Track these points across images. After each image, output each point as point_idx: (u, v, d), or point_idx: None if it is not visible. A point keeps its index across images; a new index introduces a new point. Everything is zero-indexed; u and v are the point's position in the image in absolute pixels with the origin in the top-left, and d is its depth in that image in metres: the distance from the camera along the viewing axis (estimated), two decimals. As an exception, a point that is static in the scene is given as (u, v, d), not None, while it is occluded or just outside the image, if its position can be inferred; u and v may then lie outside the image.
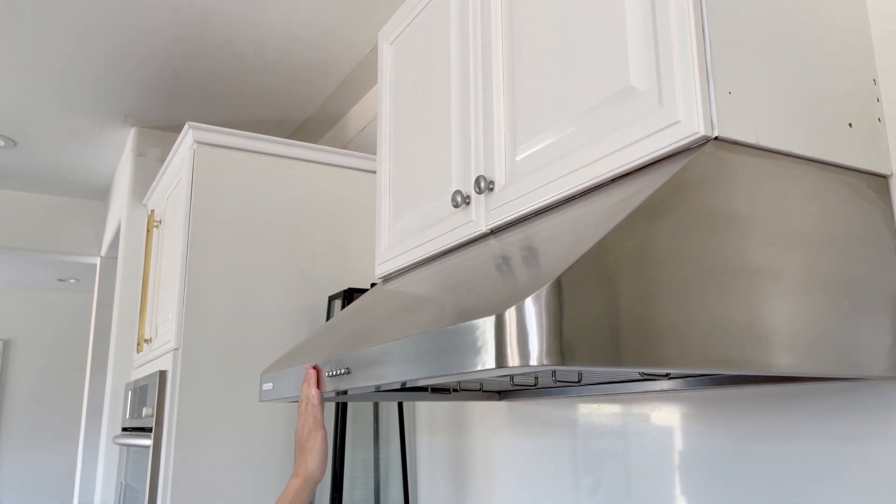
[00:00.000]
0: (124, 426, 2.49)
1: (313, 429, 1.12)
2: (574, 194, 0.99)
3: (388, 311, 1.12)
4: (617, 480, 1.32)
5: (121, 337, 2.89)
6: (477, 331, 0.70)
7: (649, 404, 1.26)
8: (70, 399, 6.10)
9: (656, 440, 1.24)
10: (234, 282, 2.04)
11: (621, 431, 1.32)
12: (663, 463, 1.22)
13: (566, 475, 1.45)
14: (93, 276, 5.52)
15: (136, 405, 2.29)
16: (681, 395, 1.19)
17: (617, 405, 1.34)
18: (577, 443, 1.43)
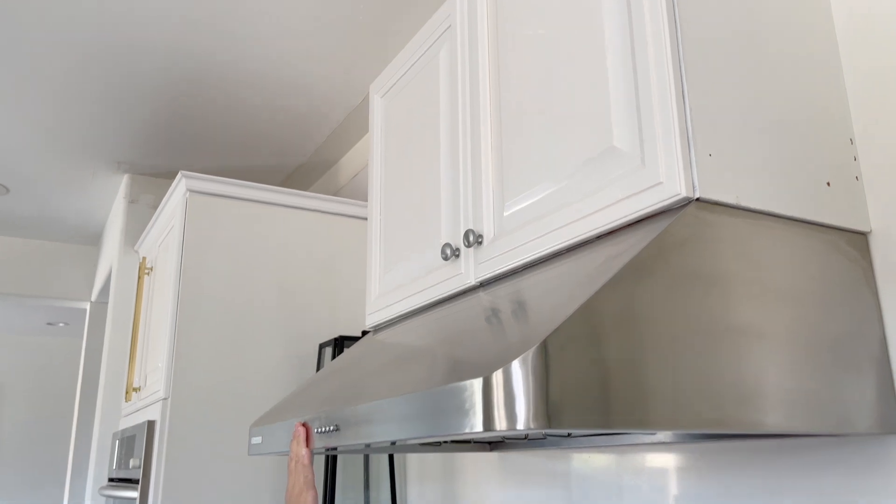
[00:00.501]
0: (111, 476, 2.45)
1: (304, 489, 1.11)
2: (561, 250, 1.00)
3: (377, 366, 1.13)
4: (609, 534, 1.31)
5: (109, 384, 2.87)
6: (465, 393, 0.70)
7: (641, 456, 1.26)
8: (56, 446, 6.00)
9: (648, 492, 1.24)
10: (224, 329, 2.03)
11: (613, 483, 1.32)
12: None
13: (558, 528, 1.43)
14: (83, 320, 5.48)
15: (123, 455, 2.26)
16: (672, 448, 1.19)
17: (609, 456, 1.33)
18: (570, 494, 1.42)
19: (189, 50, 2.15)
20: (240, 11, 1.97)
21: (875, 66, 0.96)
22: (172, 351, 1.97)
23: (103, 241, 3.77)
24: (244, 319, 2.07)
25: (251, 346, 2.05)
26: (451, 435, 0.72)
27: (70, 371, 6.17)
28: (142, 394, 2.24)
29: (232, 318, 2.05)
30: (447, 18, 1.38)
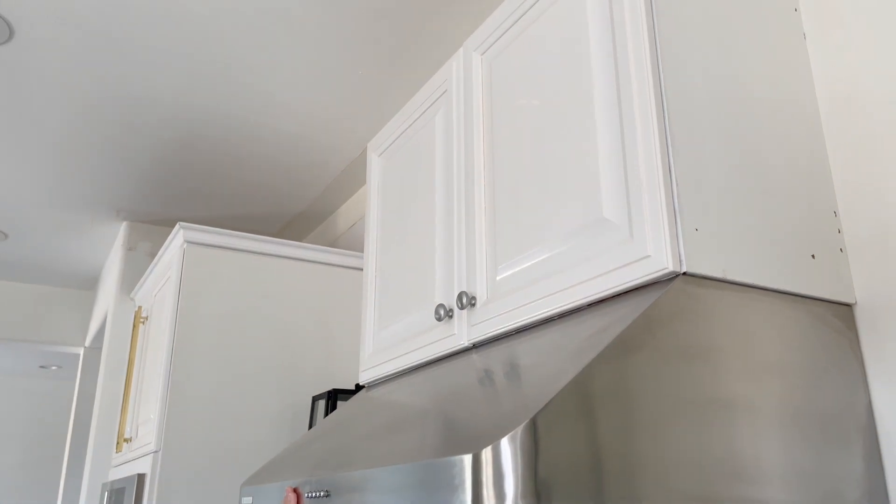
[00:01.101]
0: (98, 529, 2.41)
1: None
2: (552, 316, 1.01)
3: (369, 430, 1.13)
4: None
5: (100, 433, 2.84)
6: (454, 468, 0.71)
7: None
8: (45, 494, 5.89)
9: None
10: (218, 381, 2.03)
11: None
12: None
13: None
14: (76, 365, 5.45)
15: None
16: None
17: None
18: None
19: (189, 102, 2.19)
20: (241, 65, 2.02)
21: (856, 139, 0.99)
22: (165, 402, 1.96)
23: (99, 287, 3.77)
24: (238, 371, 2.07)
25: (245, 398, 2.05)
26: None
27: (61, 415, 6.10)
28: (133, 445, 2.22)
29: (226, 369, 2.05)
30: (443, 83, 1.42)
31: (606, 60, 0.97)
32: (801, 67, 1.05)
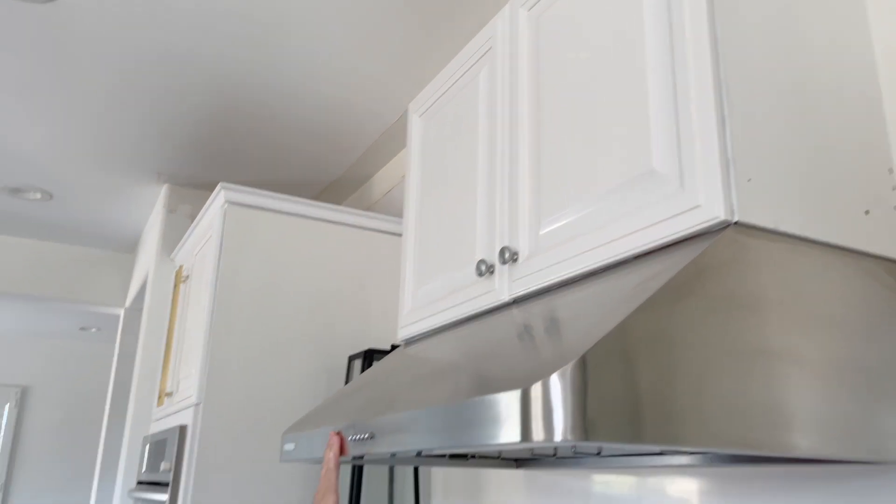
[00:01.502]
0: (140, 479, 2.49)
1: (327, 492, 1.14)
2: (596, 269, 1.02)
3: (411, 378, 1.15)
4: (635, 556, 1.30)
5: (141, 389, 2.92)
6: (502, 404, 0.72)
7: (667, 478, 1.26)
8: (85, 450, 6.09)
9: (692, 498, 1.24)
10: (257, 339, 2.07)
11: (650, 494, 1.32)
12: None
13: (583, 548, 1.43)
14: (115, 326, 5.58)
15: (153, 459, 2.30)
16: (699, 471, 1.19)
17: (635, 478, 1.33)
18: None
19: (231, 65, 2.21)
20: (282, 27, 2.03)
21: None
22: (206, 358, 2.01)
23: (139, 250, 3.85)
24: (277, 329, 2.11)
25: (283, 355, 2.09)
26: (487, 446, 0.74)
27: (100, 376, 6.28)
28: (174, 399, 2.29)
29: (265, 327, 2.09)
30: (488, 41, 1.41)
31: (658, 6, 0.96)
32: (858, 20, 1.02)
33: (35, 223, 3.66)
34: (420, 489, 2.00)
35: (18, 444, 5.90)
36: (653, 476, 1.30)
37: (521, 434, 0.69)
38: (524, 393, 0.70)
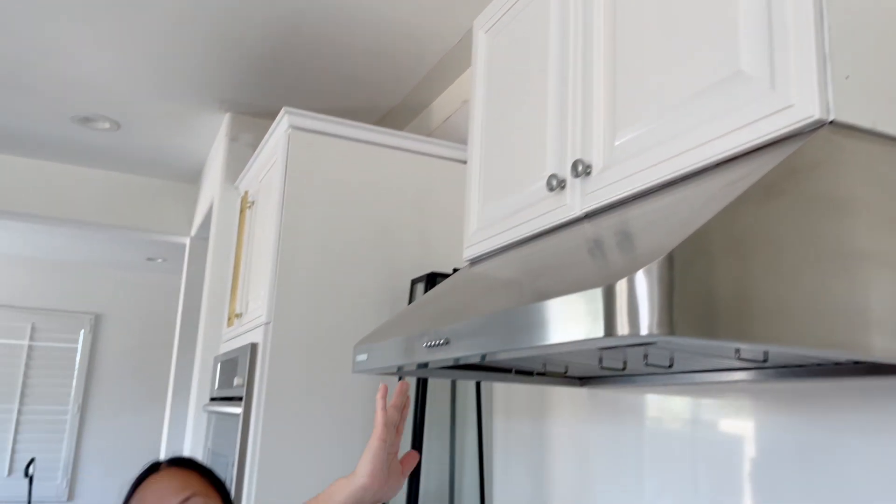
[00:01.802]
0: (213, 396, 2.61)
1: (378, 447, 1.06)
2: (675, 179, 0.99)
3: (483, 288, 1.16)
4: (697, 472, 1.32)
5: (210, 313, 3.04)
6: (586, 300, 0.72)
7: (735, 396, 1.26)
8: (157, 372, 6.41)
9: (741, 431, 1.24)
10: (322, 262, 2.12)
11: (706, 422, 1.32)
12: (745, 453, 1.22)
13: (645, 463, 1.45)
14: (179, 256, 5.78)
15: (225, 376, 2.40)
16: (768, 388, 1.18)
17: (703, 397, 1.33)
18: (659, 431, 1.43)
19: (294, -13, 2.20)
20: (346, -53, 1.99)
21: None
22: (274, 279, 2.06)
23: (203, 180, 3.94)
24: (340, 253, 2.15)
25: (347, 278, 2.13)
26: (571, 343, 0.75)
27: (168, 304, 6.54)
28: (243, 319, 2.37)
29: (329, 251, 2.13)
30: (560, -52, 1.36)
31: None
32: None
33: (104, 153, 3.77)
34: (482, 410, 2.05)
35: (94, 369, 6.25)
36: (721, 394, 1.30)
37: (604, 329, 0.69)
38: (608, 289, 0.70)
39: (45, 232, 5.19)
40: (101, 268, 6.39)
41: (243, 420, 2.02)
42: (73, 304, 6.25)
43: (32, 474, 5.75)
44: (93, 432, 6.15)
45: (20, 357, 6.01)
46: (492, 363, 1.48)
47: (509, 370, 1.54)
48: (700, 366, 1.20)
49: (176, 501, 1.03)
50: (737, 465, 1.25)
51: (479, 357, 1.00)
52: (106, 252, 5.83)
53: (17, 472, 5.85)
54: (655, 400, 1.46)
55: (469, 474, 2.10)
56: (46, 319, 6.14)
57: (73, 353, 6.18)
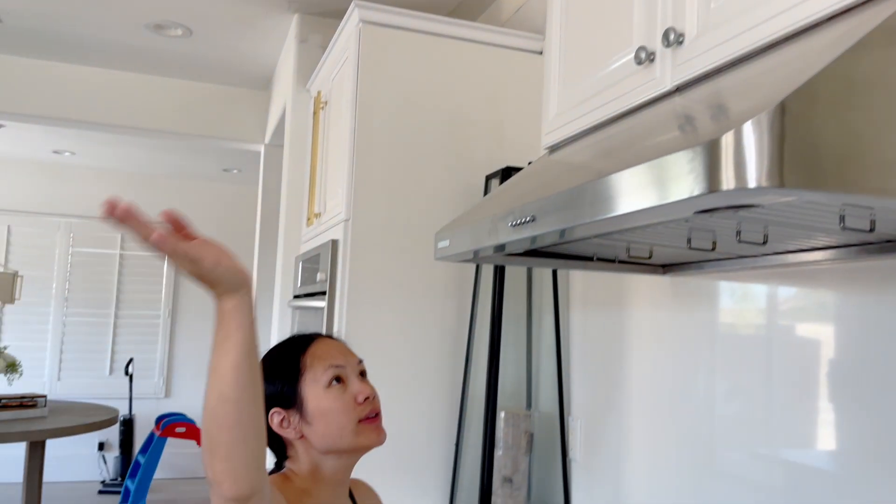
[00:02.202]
0: (296, 293, 2.72)
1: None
2: (776, 40, 0.93)
3: (568, 168, 1.14)
4: (772, 375, 1.30)
5: (289, 214, 3.12)
6: (688, 158, 0.70)
7: (824, 284, 1.21)
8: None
9: (823, 331, 1.20)
10: (396, 158, 2.12)
11: (787, 316, 1.29)
12: (834, 339, 1.19)
13: (719, 361, 1.44)
14: (255, 167, 5.91)
15: (307, 274, 2.48)
16: (860, 275, 1.14)
17: (790, 284, 1.30)
18: (739, 327, 1.41)
19: None
20: None
21: None
22: (351, 176, 2.09)
23: (274, 85, 3.96)
24: (414, 149, 2.14)
25: (422, 174, 2.14)
26: (669, 208, 0.73)
27: (244, 215, 6.75)
28: (322, 218, 2.42)
29: (403, 147, 2.13)
30: None
31: None
32: None
33: (177, 61, 3.82)
34: (559, 302, 2.06)
35: (181, 276, 6.56)
36: (801, 280, 1.25)
37: (708, 184, 0.67)
38: (713, 143, 0.67)
39: (127, 144, 5.37)
40: (181, 180, 6.61)
41: (328, 312, 2.10)
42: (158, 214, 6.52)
43: (132, 373, 6.19)
44: (183, 335, 6.54)
45: (113, 266, 6.37)
46: (572, 251, 1.47)
47: (590, 258, 1.53)
48: (794, 243, 1.16)
49: (356, 360, 1.16)
50: (814, 369, 1.22)
51: (564, 234, 1.00)
52: (185, 164, 6.01)
53: (117, 371, 6.32)
54: (738, 290, 1.43)
55: (546, 365, 2.14)
56: (134, 230, 6.45)
57: (160, 262, 6.50)
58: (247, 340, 0.80)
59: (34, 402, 4.49)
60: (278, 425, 1.10)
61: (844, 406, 1.18)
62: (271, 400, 1.11)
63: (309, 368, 1.11)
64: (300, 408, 1.10)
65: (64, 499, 5.56)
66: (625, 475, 1.75)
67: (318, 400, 1.10)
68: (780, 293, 1.33)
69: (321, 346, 1.15)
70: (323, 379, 1.10)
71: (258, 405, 0.82)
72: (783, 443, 1.30)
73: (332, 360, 1.12)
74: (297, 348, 1.15)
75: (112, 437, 6.27)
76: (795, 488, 1.26)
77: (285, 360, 1.13)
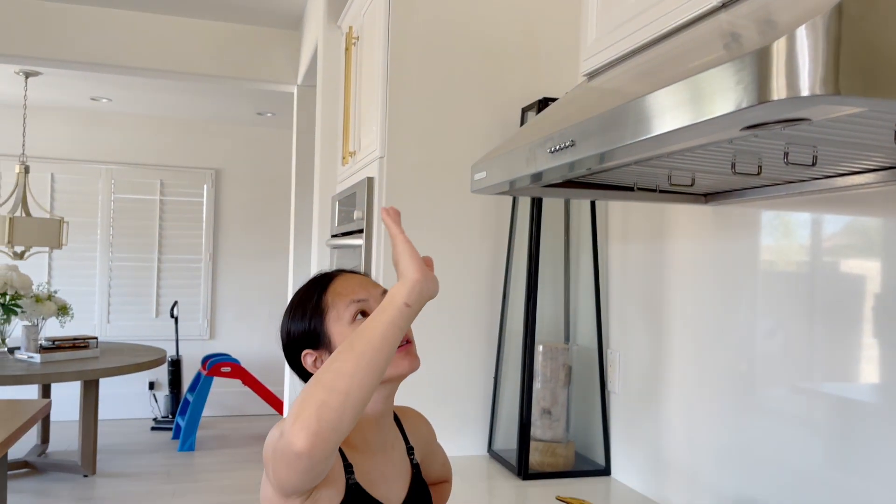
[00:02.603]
0: (333, 233, 2.74)
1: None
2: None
3: (609, 91, 1.10)
4: (815, 312, 1.27)
5: (324, 155, 3.12)
6: (736, 69, 0.67)
7: (878, 203, 1.17)
8: (276, 222, 6.79)
9: (878, 245, 1.17)
10: (431, 92, 2.09)
11: (841, 236, 1.25)
12: (880, 270, 1.15)
13: (772, 283, 1.41)
14: (288, 109, 5.90)
15: (344, 213, 2.50)
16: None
17: (837, 211, 1.26)
18: (788, 244, 1.38)
19: None
20: None
21: None
22: (385, 112, 2.07)
23: (304, 26, 3.92)
24: (449, 82, 2.10)
25: (457, 107, 2.11)
26: (717, 122, 0.70)
27: (280, 157, 6.78)
28: (357, 157, 2.42)
29: (438, 80, 2.10)
30: None
31: None
32: None
33: (208, 2, 3.79)
34: (598, 234, 2.04)
35: (219, 221, 6.67)
36: (849, 207, 1.21)
37: (758, 94, 0.64)
38: (763, 50, 0.64)
39: (162, 89, 5.39)
40: (217, 124, 6.64)
41: (365, 249, 2.12)
42: (195, 160, 6.59)
43: (177, 315, 6.38)
44: (225, 279, 6.69)
45: (154, 211, 6.49)
46: (612, 181, 1.44)
47: (631, 188, 1.50)
48: (844, 165, 1.12)
49: (379, 291, 1.15)
50: (858, 301, 1.19)
51: (605, 158, 0.97)
52: (219, 107, 6.03)
53: (163, 314, 6.51)
54: (782, 219, 1.39)
55: (584, 300, 2.14)
56: (173, 175, 6.54)
57: (199, 207, 6.60)
58: (390, 321, 0.92)
59: (86, 343, 4.66)
60: (312, 365, 1.11)
61: (888, 339, 1.16)
62: (301, 341, 1.12)
63: (332, 307, 1.11)
64: (329, 346, 1.10)
65: (118, 435, 5.82)
66: (663, 408, 1.76)
67: (343, 336, 1.09)
68: (825, 221, 1.30)
69: (341, 282, 1.14)
70: (346, 315, 1.10)
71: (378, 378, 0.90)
72: (825, 377, 1.29)
73: (353, 295, 1.11)
74: (318, 288, 1.14)
75: (161, 377, 6.51)
76: (837, 422, 1.25)
77: (309, 300, 1.13)
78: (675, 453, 1.71)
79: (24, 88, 5.29)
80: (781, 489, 1.38)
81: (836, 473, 1.25)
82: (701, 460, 1.61)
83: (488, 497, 1.76)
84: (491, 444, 2.11)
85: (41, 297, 4.52)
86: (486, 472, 1.96)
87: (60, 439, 5.61)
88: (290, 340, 1.14)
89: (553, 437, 1.96)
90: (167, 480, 4.67)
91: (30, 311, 4.44)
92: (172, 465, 4.98)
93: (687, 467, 1.66)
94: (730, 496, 1.52)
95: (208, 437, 5.81)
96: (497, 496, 1.77)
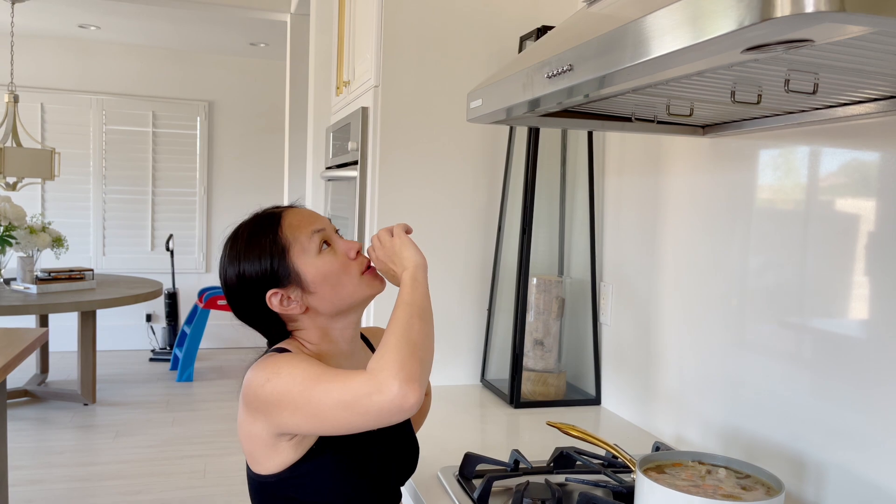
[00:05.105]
0: (328, 165, 2.71)
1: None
2: None
3: (609, 17, 1.07)
4: (807, 249, 1.27)
5: (318, 85, 3.06)
6: (740, -15, 0.65)
7: (877, 133, 1.16)
8: (270, 154, 6.73)
9: (875, 180, 1.16)
10: (427, 19, 2.04)
11: (838, 169, 1.24)
12: (875, 208, 1.15)
13: (767, 217, 1.41)
14: (281, 40, 5.77)
15: (339, 143, 2.47)
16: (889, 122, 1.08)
17: (835, 142, 1.24)
18: (785, 184, 1.37)
19: None
20: None
21: None
22: (380, 40, 2.02)
23: (297, -51, 3.79)
24: (446, 9, 2.05)
25: (453, 35, 2.06)
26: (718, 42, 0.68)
27: (274, 89, 6.67)
28: (352, 86, 2.37)
29: (434, 7, 2.04)
30: None
31: None
32: None
33: (196, -75, 3.65)
34: (594, 166, 2.03)
35: (213, 153, 6.60)
36: (848, 140, 1.20)
37: (761, 12, 0.62)
38: (769, -34, 0.62)
39: (152, 16, 5.25)
40: (209, 54, 6.50)
41: (360, 181, 2.10)
42: (187, 91, 6.48)
43: (172, 249, 6.38)
44: (220, 211, 6.67)
45: (147, 143, 6.41)
46: (611, 110, 1.42)
47: (629, 118, 1.48)
48: (846, 94, 1.10)
49: (328, 222, 1.16)
50: (852, 236, 1.18)
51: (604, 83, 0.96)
52: (211, 38, 5.89)
53: (158, 247, 6.51)
54: (780, 152, 1.38)
55: (579, 234, 2.14)
56: (165, 107, 6.43)
57: (192, 139, 6.52)
58: (426, 291, 1.10)
59: (82, 275, 4.67)
60: (279, 305, 1.09)
61: (878, 278, 1.16)
62: (260, 282, 1.08)
63: (294, 241, 1.09)
64: (298, 281, 1.08)
65: (117, 365, 5.91)
66: (654, 340, 1.78)
67: (314, 268, 1.08)
68: (823, 155, 1.29)
69: (294, 216, 1.12)
70: (311, 247, 1.09)
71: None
72: (815, 313, 1.30)
73: (312, 227, 1.10)
74: (270, 225, 1.11)
75: (158, 310, 6.57)
76: (824, 356, 1.27)
77: (263, 239, 1.10)
78: (664, 384, 1.74)
79: (10, 15, 5.15)
80: (768, 419, 1.41)
81: (822, 404, 1.28)
82: (689, 391, 1.65)
83: (481, 423, 1.80)
84: (484, 373, 2.14)
85: (35, 228, 4.51)
86: (479, 400, 2.00)
87: (59, 369, 5.70)
88: (245, 283, 1.10)
89: (545, 368, 1.99)
90: (167, 409, 4.77)
91: (24, 242, 4.44)
92: (171, 395, 5.08)
93: (675, 397, 1.70)
94: (716, 424, 1.56)
95: (206, 368, 5.91)
96: (490, 422, 1.81)
